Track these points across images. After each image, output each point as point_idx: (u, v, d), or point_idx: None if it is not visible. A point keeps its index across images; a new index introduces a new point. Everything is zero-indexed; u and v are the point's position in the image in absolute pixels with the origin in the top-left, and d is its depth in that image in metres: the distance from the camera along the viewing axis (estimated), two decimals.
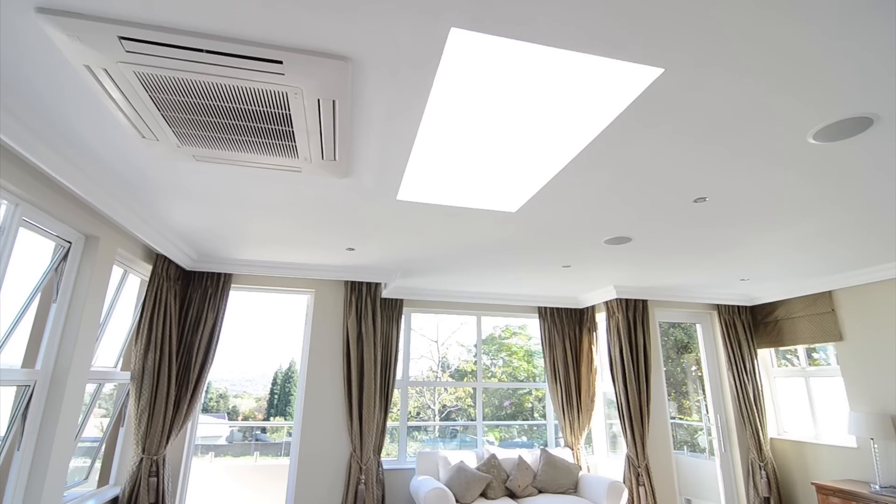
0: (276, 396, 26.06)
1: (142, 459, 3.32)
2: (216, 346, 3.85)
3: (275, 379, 26.46)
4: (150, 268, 3.54)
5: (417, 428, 9.14)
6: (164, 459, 3.42)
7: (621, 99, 1.70)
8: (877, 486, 3.85)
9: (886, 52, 1.44)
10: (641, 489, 4.41)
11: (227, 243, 3.54)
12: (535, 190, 2.48)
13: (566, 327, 5.52)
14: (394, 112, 1.79)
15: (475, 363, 5.67)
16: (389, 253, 3.73)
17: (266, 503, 5.36)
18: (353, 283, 4.27)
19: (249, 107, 1.69)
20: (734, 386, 5.11)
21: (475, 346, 5.69)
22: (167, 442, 3.46)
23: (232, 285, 4.08)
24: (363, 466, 3.85)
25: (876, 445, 4.01)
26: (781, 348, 5.22)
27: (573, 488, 4.49)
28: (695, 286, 4.85)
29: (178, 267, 3.71)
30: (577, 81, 1.63)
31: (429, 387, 10.66)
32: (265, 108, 1.70)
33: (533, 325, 6.33)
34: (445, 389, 10.52)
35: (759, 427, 4.91)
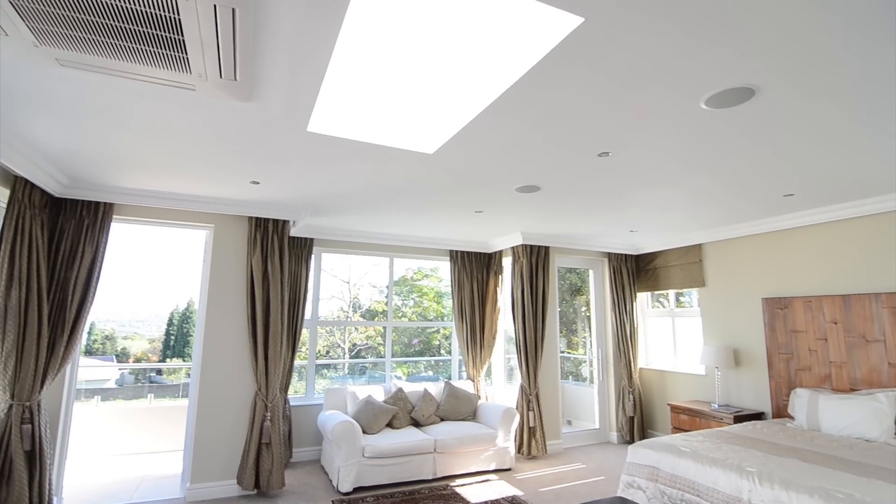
0: (172, 337, 24.67)
1: (11, 406, 3.00)
2: (97, 283, 3.47)
3: (170, 319, 24.91)
4: (7, 192, 3.03)
5: (327, 366, 9.23)
6: (38, 405, 3.12)
7: (540, 47, 1.72)
8: (715, 405, 4.69)
9: (769, 26, 1.59)
10: (531, 413, 4.94)
11: (106, 169, 3.12)
12: (454, 132, 2.47)
13: (475, 270, 5.77)
14: (305, 30, 1.64)
15: (386, 304, 5.76)
16: (299, 189, 3.54)
17: (162, 445, 5.17)
18: (258, 219, 4.03)
19: (129, 5, 1.44)
20: (615, 324, 5.78)
21: (387, 287, 5.75)
22: (42, 387, 3.14)
23: (114, 216, 3.65)
24: (269, 404, 3.84)
25: (719, 373, 4.84)
26: (656, 292, 5.96)
27: (472, 415, 4.90)
28: (591, 235, 5.27)
29: (44, 193, 3.21)
30: (500, 24, 1.60)
31: (339, 326, 10.68)
32: (149, 9, 1.46)
33: (444, 268, 6.53)
34: (356, 329, 10.63)
35: (632, 359, 5.66)
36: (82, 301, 3.40)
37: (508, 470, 4.52)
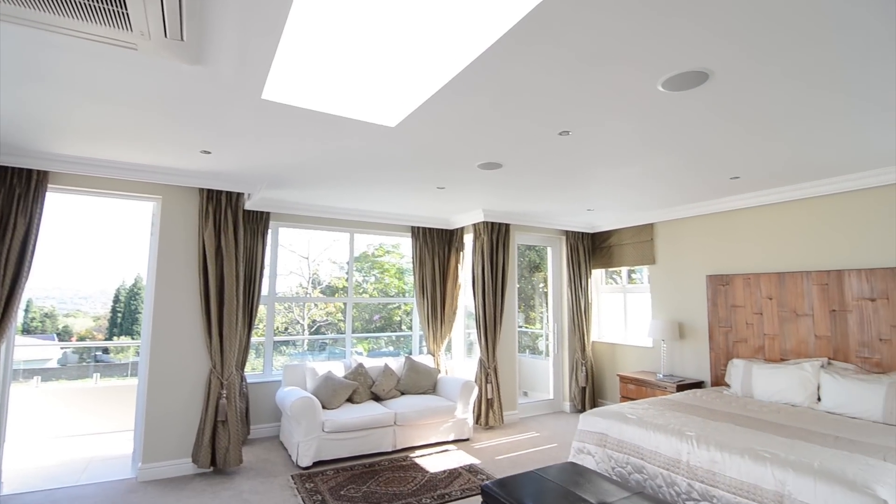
0: (119, 315, 23.52)
1: None
2: (31, 257, 3.24)
3: (117, 296, 23.68)
4: None
5: (286, 343, 9.09)
6: None
7: (505, 20, 1.70)
8: (661, 375, 4.98)
9: (723, 11, 1.64)
10: (489, 386, 5.08)
11: (40, 134, 2.87)
12: (416, 106, 2.43)
13: (436, 246, 5.79)
14: None
15: (347, 280, 5.70)
16: (253, 160, 3.40)
17: (110, 425, 4.98)
18: (210, 191, 3.85)
19: None
20: (571, 300, 5.99)
21: (347, 263, 5.68)
22: None
23: (50, 185, 3.39)
24: (224, 382, 3.76)
25: (665, 345, 5.13)
26: (610, 269, 6.19)
27: (432, 389, 4.99)
28: (550, 213, 5.38)
29: None
30: None
31: (298, 303, 10.50)
32: None
33: (406, 244, 6.50)
34: (315, 305, 10.49)
35: (585, 333, 5.90)
36: (16, 276, 3.18)
37: (467, 440, 4.66)
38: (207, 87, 2.23)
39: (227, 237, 3.84)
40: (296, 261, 10.06)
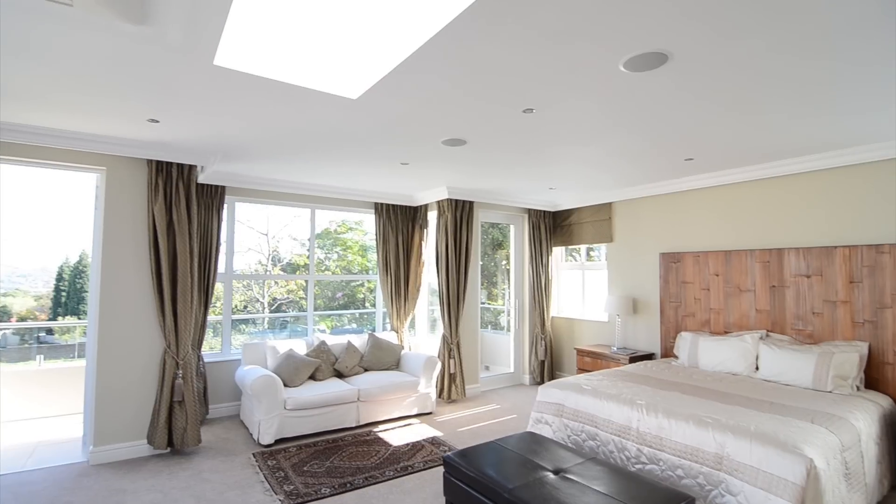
0: (63, 294, 22.21)
1: None
2: None
3: (60, 274, 22.31)
4: None
5: (245, 321, 8.87)
6: None
7: None
8: (615, 348, 5.21)
9: None
10: (452, 361, 5.18)
11: None
12: (379, 77, 2.36)
13: (400, 223, 5.75)
14: None
15: (308, 257, 5.59)
16: (206, 131, 3.24)
17: (56, 409, 4.76)
18: (159, 162, 3.65)
19: None
20: (532, 277, 6.12)
21: (309, 240, 5.56)
22: None
23: None
24: (180, 361, 3.64)
25: (619, 320, 5.35)
26: (570, 247, 6.36)
27: (396, 365, 5.03)
28: (513, 191, 5.43)
29: None
30: None
31: (257, 280, 10.24)
32: None
33: (369, 221, 6.42)
34: (276, 283, 10.26)
35: (545, 308, 6.07)
36: None
37: (430, 414, 4.75)
38: (153, 51, 2.09)
39: (179, 212, 3.67)
40: (254, 237, 9.75)
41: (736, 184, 4.43)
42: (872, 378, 3.48)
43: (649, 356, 5.02)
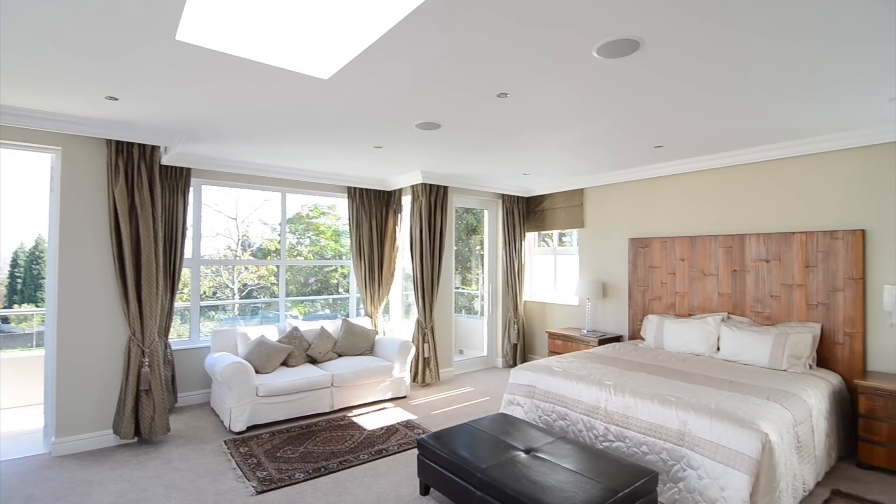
0: (19, 281, 21.16)
1: None
2: None
3: (15, 260, 21.21)
4: None
5: (215, 307, 8.68)
6: None
7: None
8: (585, 331, 5.35)
9: None
10: (426, 345, 5.21)
11: None
12: (351, 57, 2.31)
13: (374, 208, 5.69)
14: None
15: (280, 242, 5.48)
16: (169, 110, 3.10)
17: (13, 400, 4.57)
18: (119, 143, 3.48)
19: None
20: (505, 262, 6.18)
21: (280, 224, 5.45)
22: None
23: None
24: (146, 349, 3.54)
25: (590, 303, 5.48)
26: (543, 232, 6.44)
27: (370, 350, 5.03)
28: (488, 176, 5.44)
29: None
30: None
31: (227, 266, 9.99)
32: None
33: (342, 206, 6.33)
34: (246, 268, 10.03)
35: (518, 293, 6.16)
36: None
37: (404, 398, 4.78)
38: (111, 23, 1.97)
39: (141, 194, 3.52)
40: (223, 221, 9.47)
41: (702, 171, 4.56)
42: (824, 357, 3.69)
43: (618, 338, 5.17)
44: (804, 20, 1.92)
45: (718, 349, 4.01)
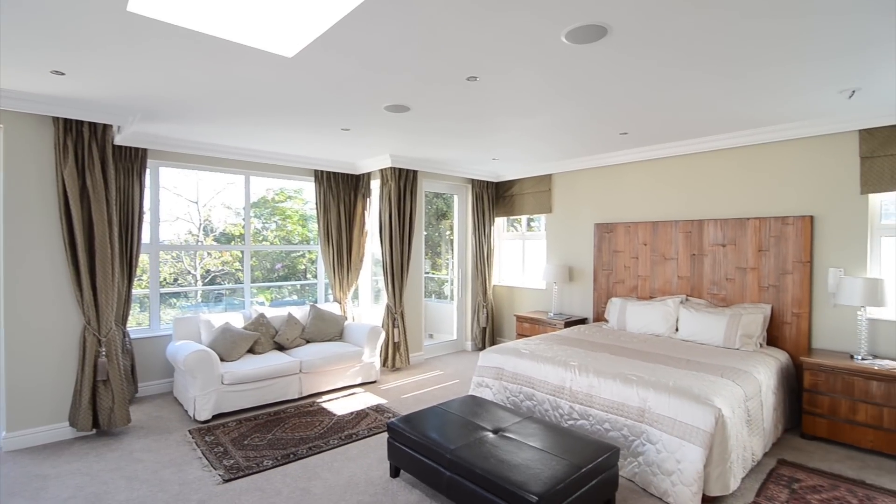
0: None
1: None
2: None
3: None
4: None
5: (176, 295, 8.38)
6: None
7: None
8: (552, 314, 5.47)
9: None
10: (396, 330, 5.21)
11: None
12: (316, 35, 2.23)
13: (342, 192, 5.60)
14: None
15: (244, 227, 5.33)
16: (122, 86, 2.93)
17: None
18: (67, 121, 3.28)
19: None
20: (475, 246, 6.22)
21: (244, 209, 5.29)
22: None
23: None
24: (102, 339, 3.40)
25: (556, 287, 5.60)
26: (512, 217, 6.50)
27: (339, 336, 4.99)
28: (457, 161, 5.42)
29: None
30: None
31: (188, 251, 9.63)
32: None
33: (309, 190, 6.18)
34: (209, 254, 9.70)
35: (487, 277, 6.22)
36: None
37: (374, 382, 4.79)
38: None
39: (93, 176, 3.34)
40: (183, 205, 9.10)
41: (665, 158, 4.69)
42: (773, 336, 3.91)
43: (583, 321, 5.32)
44: (759, 14, 1.98)
45: (677, 330, 4.19)
